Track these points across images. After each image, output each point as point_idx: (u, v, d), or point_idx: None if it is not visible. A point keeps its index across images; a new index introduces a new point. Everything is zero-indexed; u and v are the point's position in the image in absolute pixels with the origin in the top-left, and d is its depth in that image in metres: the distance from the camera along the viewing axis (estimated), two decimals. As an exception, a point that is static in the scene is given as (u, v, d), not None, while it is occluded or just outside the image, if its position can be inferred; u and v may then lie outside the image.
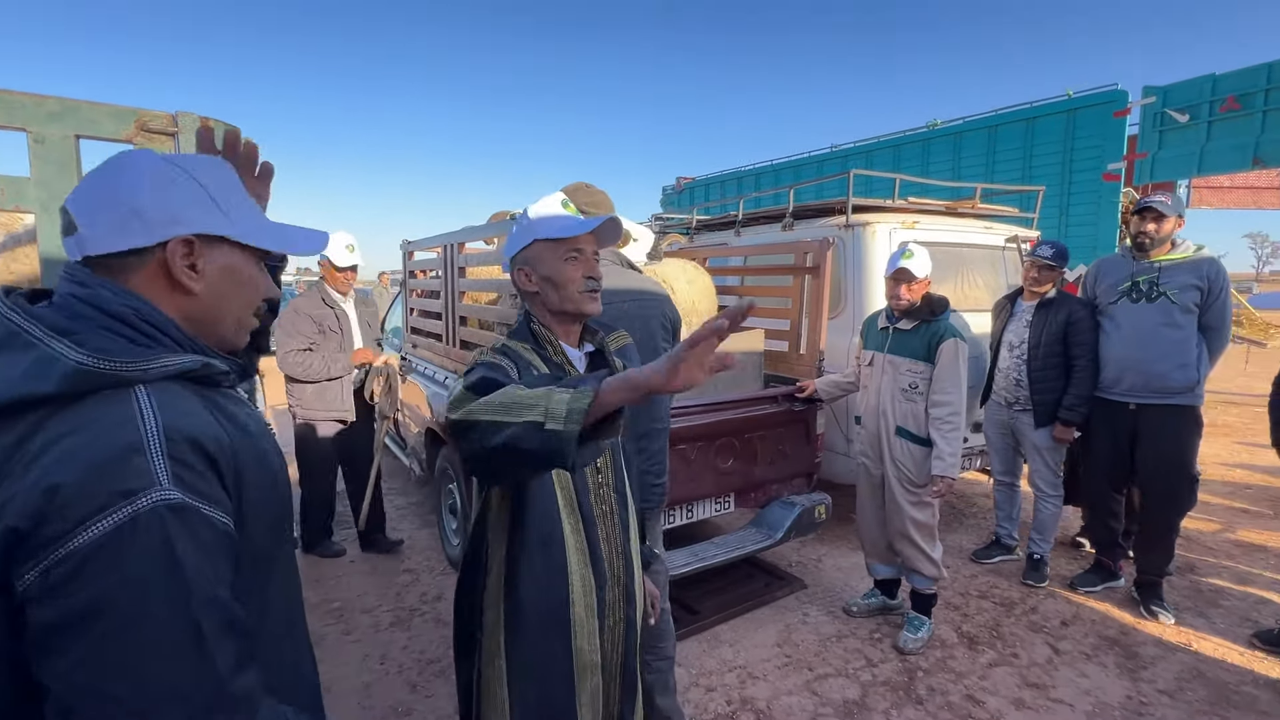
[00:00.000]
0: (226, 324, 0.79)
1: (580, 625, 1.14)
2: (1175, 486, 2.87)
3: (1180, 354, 2.78)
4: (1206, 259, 2.81)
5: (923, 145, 8.24)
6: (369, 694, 2.38)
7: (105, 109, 1.18)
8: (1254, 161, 5.98)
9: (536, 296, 1.21)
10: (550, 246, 1.18)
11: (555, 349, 1.21)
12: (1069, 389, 3.00)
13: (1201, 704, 2.32)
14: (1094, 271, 3.13)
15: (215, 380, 0.76)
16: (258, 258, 0.81)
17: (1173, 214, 2.82)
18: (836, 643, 2.72)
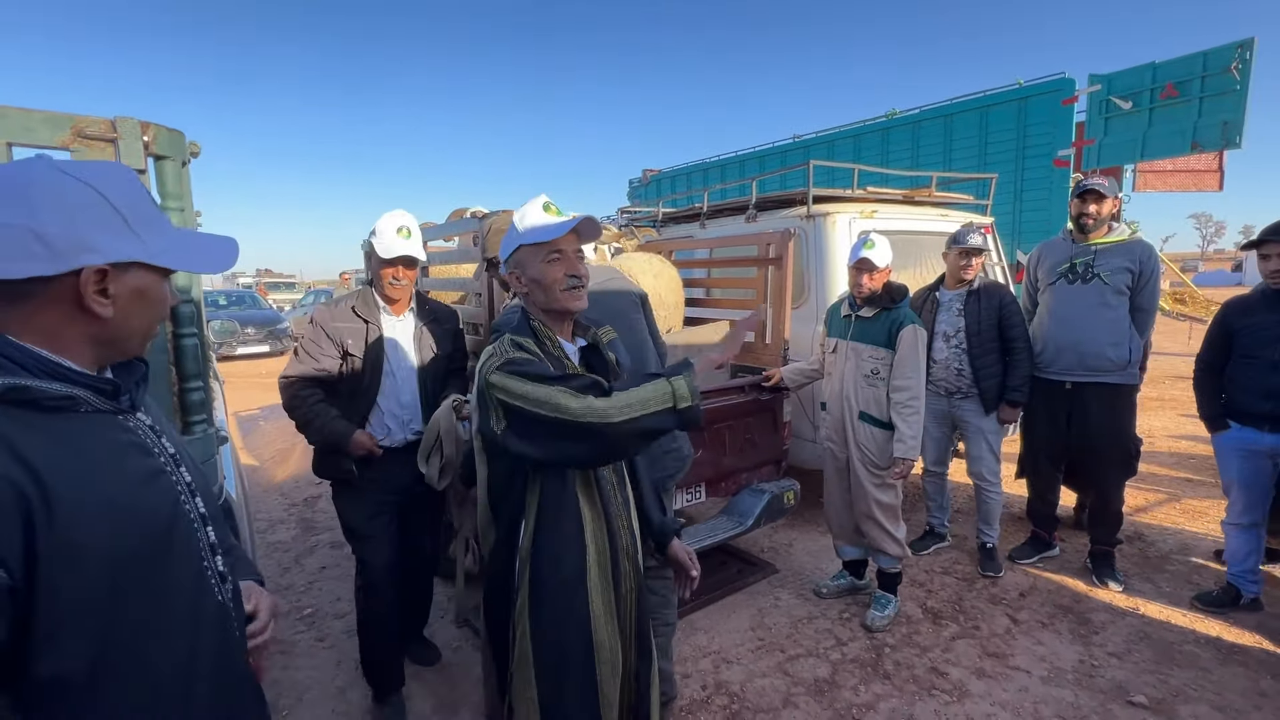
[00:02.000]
0: (134, 342, 0.79)
1: (596, 590, 1.26)
2: (1113, 460, 3.03)
3: (1113, 333, 2.91)
4: (1139, 242, 2.94)
5: (882, 134, 8.38)
6: (344, 698, 2.37)
7: (38, 115, 1.15)
8: (1192, 146, 6.25)
9: (528, 297, 1.33)
10: (533, 250, 1.28)
11: (554, 344, 1.31)
12: (1012, 371, 3.07)
13: (1148, 663, 2.45)
14: (1036, 255, 3.26)
15: (46, 405, 0.70)
16: (165, 273, 0.79)
17: (1111, 195, 2.95)
18: (807, 624, 2.80)
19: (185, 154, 1.34)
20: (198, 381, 1.39)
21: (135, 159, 1.21)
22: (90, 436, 0.73)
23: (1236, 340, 2.63)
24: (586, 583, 1.25)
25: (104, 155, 1.19)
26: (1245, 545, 2.72)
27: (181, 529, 0.80)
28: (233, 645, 0.87)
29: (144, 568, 0.74)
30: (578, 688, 1.24)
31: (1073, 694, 2.29)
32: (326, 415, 2.03)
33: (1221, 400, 2.73)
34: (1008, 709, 2.23)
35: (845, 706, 2.26)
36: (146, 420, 0.83)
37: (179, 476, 0.83)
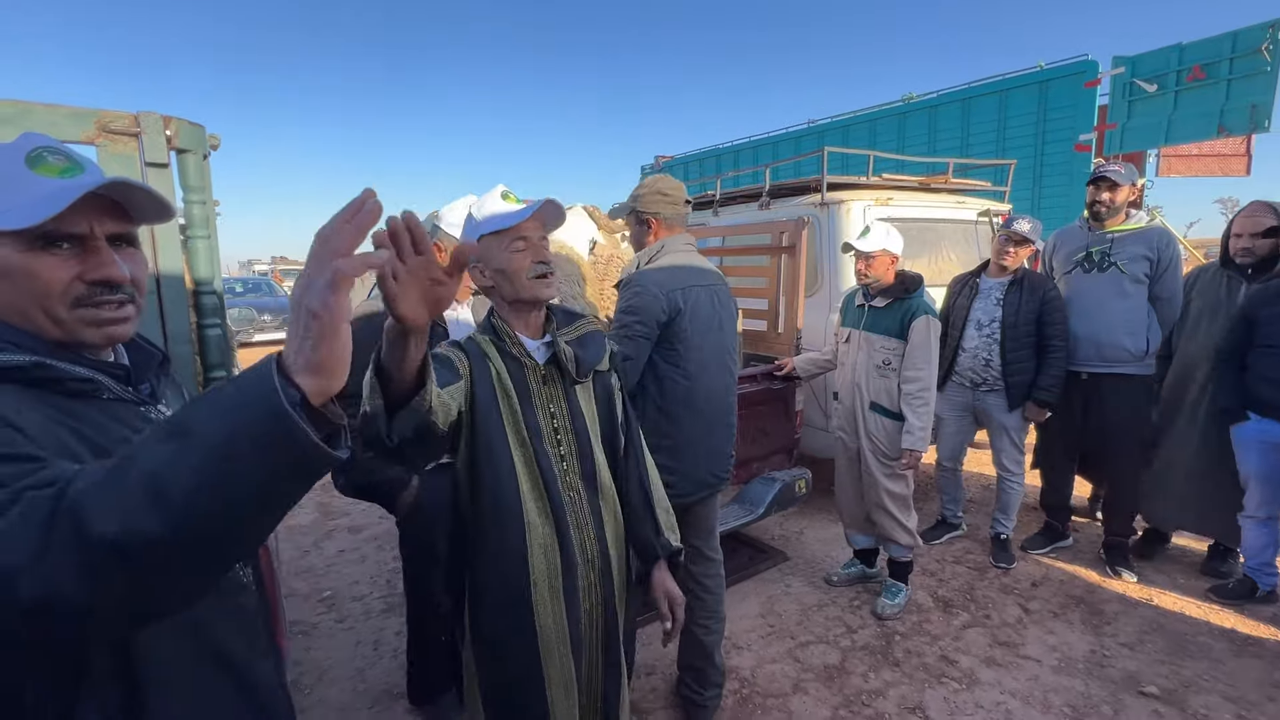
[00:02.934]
0: (36, 322, 0.71)
1: (544, 605, 1.18)
2: (1128, 452, 3.00)
3: (1129, 323, 2.86)
4: (1157, 229, 2.88)
5: (899, 120, 8.26)
6: (363, 678, 2.43)
7: (63, 110, 1.17)
8: (1219, 129, 6.09)
9: (493, 291, 1.25)
10: (495, 239, 1.21)
11: (512, 340, 1.24)
12: (1045, 369, 2.97)
13: (1160, 654, 2.45)
14: (1052, 243, 3.20)
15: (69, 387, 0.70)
16: (29, 240, 0.68)
17: (1126, 182, 2.88)
18: (818, 611, 2.82)
19: (206, 147, 1.36)
20: (222, 371, 1.42)
21: (159, 153, 1.23)
22: (111, 423, 0.74)
23: (1259, 329, 2.58)
24: (532, 599, 1.17)
25: (128, 150, 1.21)
26: (1262, 539, 2.69)
27: None
28: (255, 629, 0.88)
29: None
30: (524, 708, 1.19)
31: (1084, 683, 2.30)
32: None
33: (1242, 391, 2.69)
34: (1018, 697, 2.24)
35: (855, 693, 2.29)
36: (167, 412, 0.83)
37: None
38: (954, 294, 3.27)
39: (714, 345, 1.98)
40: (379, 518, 3.99)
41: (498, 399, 1.20)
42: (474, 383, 1.18)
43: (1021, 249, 3.01)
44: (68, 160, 0.73)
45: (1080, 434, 3.09)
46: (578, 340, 1.31)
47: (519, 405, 1.21)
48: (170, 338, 1.30)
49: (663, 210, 1.99)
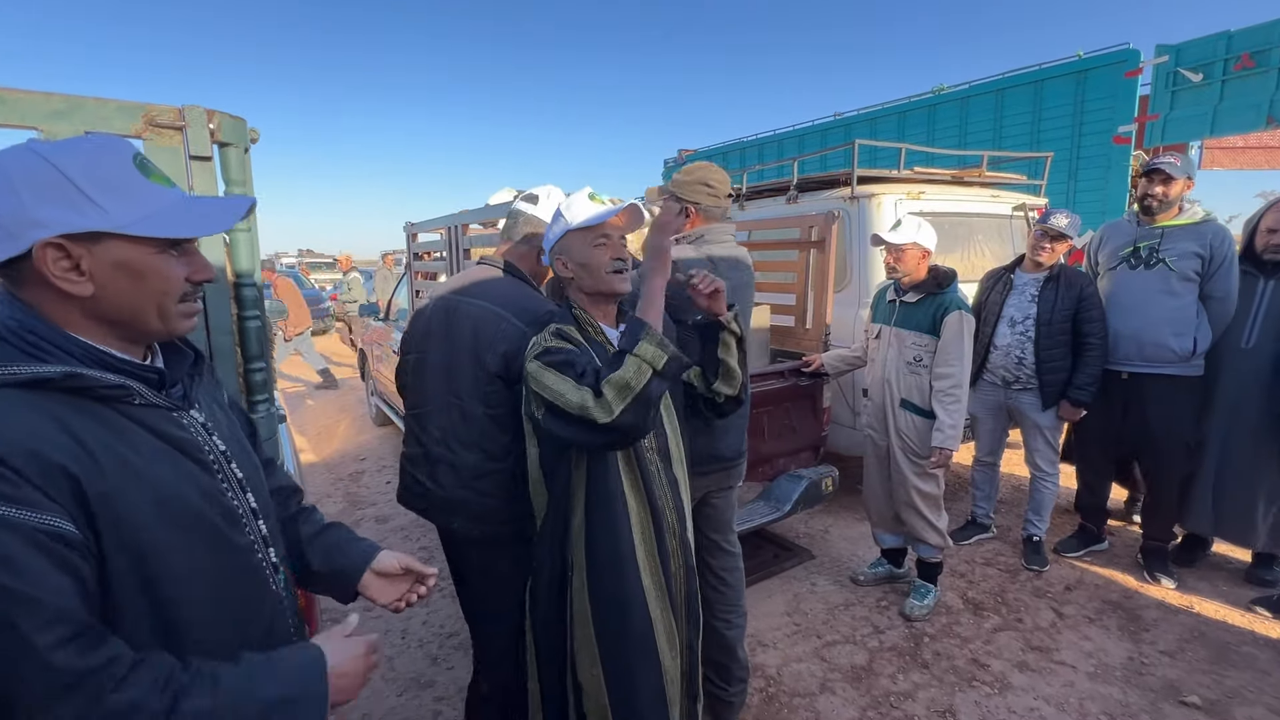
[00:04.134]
0: (144, 319, 0.76)
1: (645, 567, 1.31)
2: (1170, 456, 2.89)
3: (1176, 322, 2.74)
4: (1211, 225, 2.75)
5: (929, 111, 8.09)
6: (391, 667, 2.47)
7: (112, 105, 1.19)
8: (1268, 120, 5.85)
9: (573, 282, 1.37)
10: (580, 235, 1.33)
11: (595, 329, 1.36)
12: (1081, 368, 2.88)
13: (1202, 663, 2.38)
14: (1098, 237, 3.08)
15: (101, 394, 0.72)
16: (162, 244, 0.75)
17: (1181, 176, 2.74)
18: (844, 611, 2.79)
19: (247, 140, 1.38)
20: (260, 362, 1.44)
21: (202, 146, 1.25)
22: (142, 429, 0.75)
23: None
24: (636, 560, 1.30)
25: (173, 143, 1.23)
26: (1312, 546, 2.60)
27: (228, 525, 0.82)
28: (286, 635, 0.90)
29: (191, 558, 0.77)
30: (641, 660, 1.29)
31: (1121, 691, 2.24)
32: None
33: None
34: (1052, 704, 2.19)
35: (883, 694, 2.26)
36: (200, 418, 0.84)
37: (229, 473, 0.85)
38: (986, 290, 3.18)
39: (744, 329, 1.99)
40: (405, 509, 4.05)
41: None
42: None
43: (1058, 245, 2.92)
44: (158, 167, 0.79)
45: (1119, 436, 3.00)
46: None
47: None
48: (213, 330, 1.32)
49: (703, 201, 1.98)
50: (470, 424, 1.52)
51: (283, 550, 0.95)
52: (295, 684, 0.77)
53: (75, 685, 0.62)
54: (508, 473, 1.52)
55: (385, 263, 10.61)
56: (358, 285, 10.70)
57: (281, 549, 0.94)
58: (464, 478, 1.53)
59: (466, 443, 1.53)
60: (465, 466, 1.53)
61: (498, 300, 1.54)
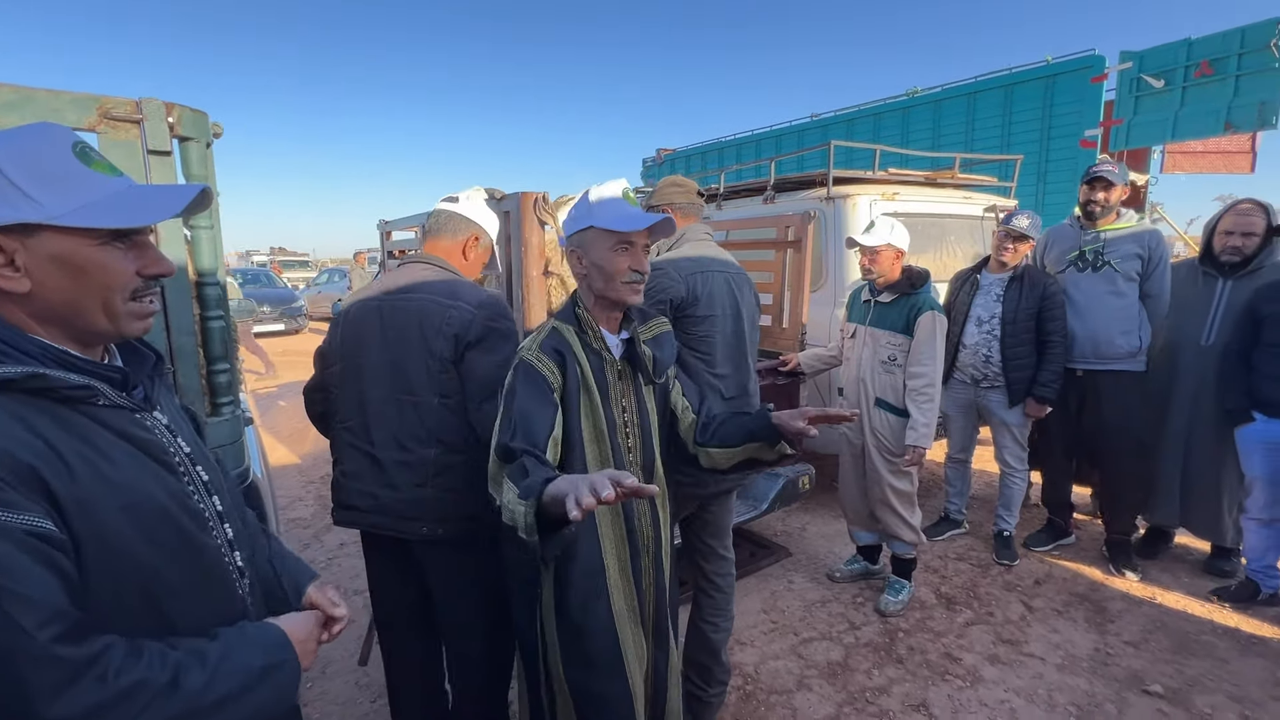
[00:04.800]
0: (89, 317, 0.72)
1: (616, 588, 1.27)
2: (1124, 449, 3.01)
3: (1123, 321, 2.90)
4: (1148, 230, 2.93)
5: (903, 114, 8.21)
6: (364, 673, 2.42)
7: (66, 97, 1.14)
8: (1225, 126, 6.05)
9: (584, 279, 1.29)
10: (603, 235, 1.24)
11: (595, 334, 1.29)
12: (1044, 366, 2.97)
13: (1165, 653, 2.45)
14: (1043, 242, 3.20)
15: (64, 395, 0.70)
16: (104, 236, 0.71)
17: (1120, 182, 2.91)
18: (821, 608, 2.81)
19: (209, 135, 1.33)
20: (225, 364, 1.40)
21: (161, 140, 1.21)
22: (107, 431, 0.73)
23: (1265, 328, 2.56)
24: (606, 579, 1.26)
25: (129, 136, 1.19)
26: (1265, 541, 2.68)
27: (196, 529, 0.81)
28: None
29: (157, 566, 0.75)
30: (609, 678, 1.27)
31: (1088, 682, 2.30)
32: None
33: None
34: (1021, 695, 2.23)
35: (858, 689, 2.28)
36: (163, 419, 0.82)
37: (194, 475, 0.83)
38: (955, 290, 3.26)
39: (733, 331, 1.97)
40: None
41: (580, 397, 1.25)
42: (565, 391, 1.23)
43: (1021, 245, 3.02)
44: (102, 155, 0.76)
45: (1077, 431, 3.09)
46: (654, 340, 1.36)
47: (599, 400, 1.27)
48: (173, 330, 1.28)
49: (677, 199, 2.01)
50: (425, 418, 1.49)
51: (248, 554, 0.92)
52: (272, 654, 0.81)
53: (82, 671, 0.64)
54: (470, 465, 1.49)
55: (358, 261, 10.45)
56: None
57: (247, 553, 0.92)
58: (424, 475, 1.49)
59: (423, 438, 1.49)
60: (424, 463, 1.49)
61: (438, 291, 1.53)
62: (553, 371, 1.22)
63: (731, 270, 2.02)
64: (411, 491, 1.50)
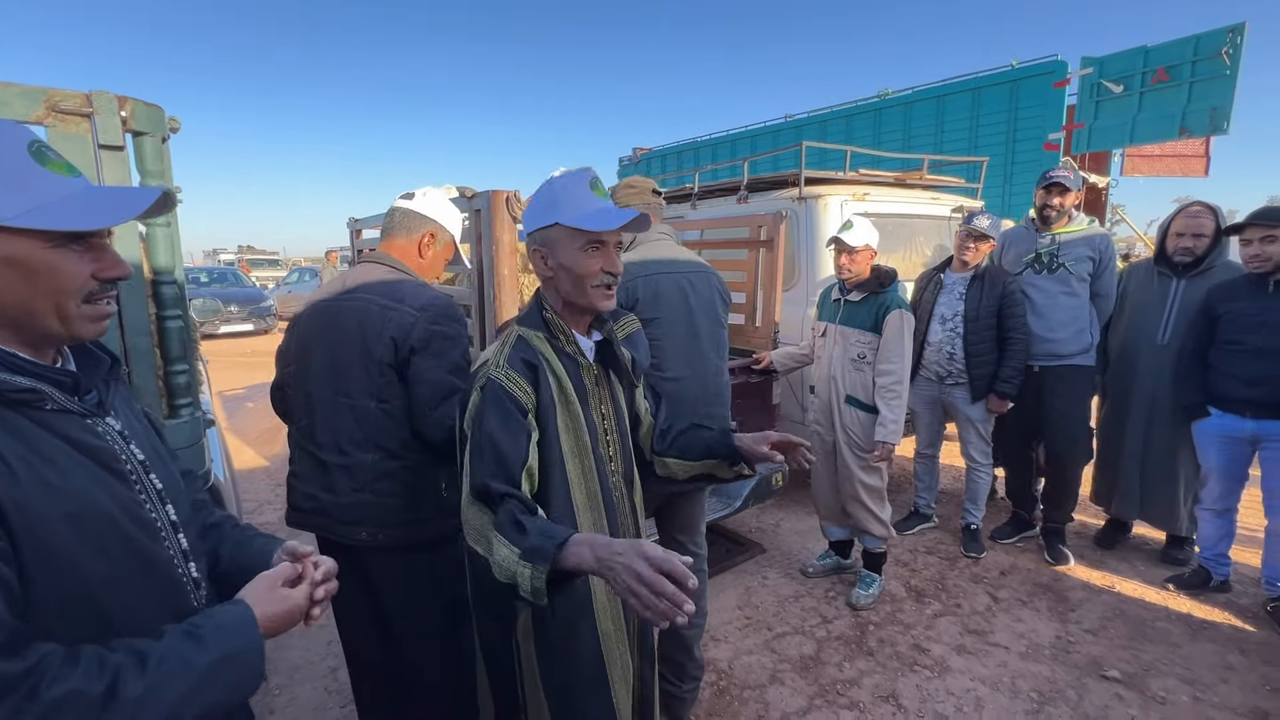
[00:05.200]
0: (41, 320, 0.71)
1: (604, 610, 1.18)
2: (1074, 441, 3.12)
3: (1078, 320, 3.03)
4: (1098, 233, 3.06)
5: (874, 115, 8.34)
6: (335, 678, 2.38)
7: (14, 89, 1.10)
8: (1180, 131, 6.27)
9: (550, 281, 1.16)
10: (572, 234, 1.10)
11: (568, 339, 1.17)
12: (1004, 362, 3.05)
13: (1122, 639, 2.53)
14: (1001, 244, 3.30)
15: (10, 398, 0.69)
16: (57, 238, 0.70)
17: (1075, 188, 3.03)
18: (794, 602, 2.85)
19: (165, 129, 1.30)
20: (183, 364, 1.36)
21: (113, 134, 1.17)
22: (54, 436, 0.71)
23: (1219, 326, 2.66)
24: (593, 602, 1.17)
25: (80, 130, 1.15)
26: (1218, 530, 2.79)
27: (147, 539, 0.79)
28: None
29: (105, 573, 0.73)
30: (593, 700, 1.19)
31: (1050, 669, 2.36)
32: None
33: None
34: (987, 684, 2.29)
35: (830, 682, 2.32)
36: (116, 425, 0.80)
37: (147, 484, 0.81)
38: (920, 289, 3.34)
39: (686, 334, 1.97)
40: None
41: (556, 411, 1.13)
42: (539, 409, 1.12)
43: (981, 244, 3.10)
44: (60, 155, 0.74)
45: (1034, 425, 3.19)
46: (628, 340, 1.26)
47: (579, 409, 1.16)
48: (128, 330, 1.24)
49: (632, 201, 2.02)
50: (364, 422, 1.46)
51: (205, 566, 0.90)
52: (230, 641, 0.76)
53: (15, 685, 0.61)
54: (410, 470, 1.47)
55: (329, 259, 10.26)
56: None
57: (204, 565, 0.90)
58: (362, 480, 1.46)
59: (361, 443, 1.46)
60: (362, 468, 1.46)
61: (380, 292, 1.49)
62: (525, 391, 1.09)
63: (685, 270, 2.02)
64: (350, 496, 1.47)
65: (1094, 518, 3.53)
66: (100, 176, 1.18)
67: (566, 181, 1.12)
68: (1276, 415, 2.43)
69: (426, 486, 1.49)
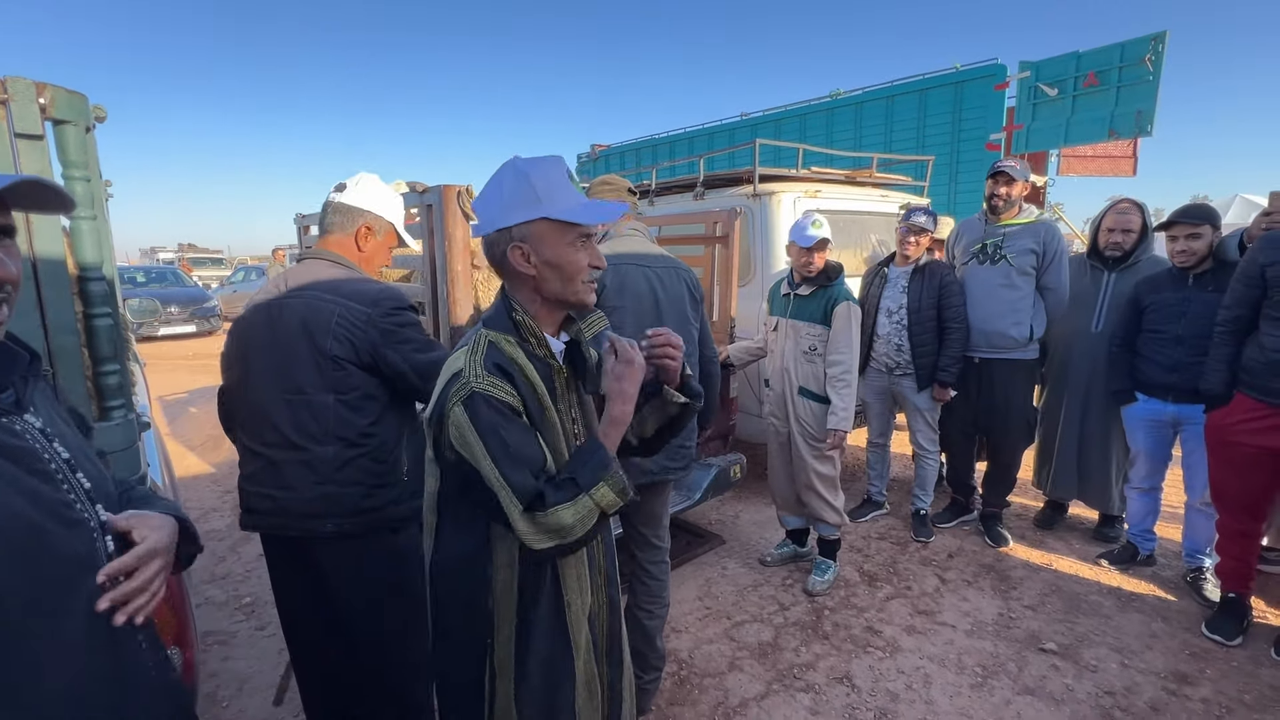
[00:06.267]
0: None
1: (577, 625, 1.13)
2: (1013, 431, 3.26)
3: (1015, 313, 3.10)
4: (1043, 224, 3.14)
5: (827, 115, 8.53)
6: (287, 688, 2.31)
7: (-87, 72, 1.03)
8: (1110, 133, 6.63)
9: (530, 280, 1.07)
10: (561, 228, 1.03)
11: (539, 341, 1.10)
12: (943, 351, 3.18)
13: (1058, 613, 2.67)
14: (954, 234, 3.43)
15: None
16: None
17: (1021, 178, 3.12)
18: (753, 591, 2.91)
19: (89, 118, 1.24)
20: (114, 365, 1.30)
21: (31, 123, 1.11)
22: None
23: (1145, 316, 2.83)
24: (567, 619, 1.11)
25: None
26: (1145, 508, 2.98)
27: (74, 540, 0.75)
28: (139, 659, 0.82)
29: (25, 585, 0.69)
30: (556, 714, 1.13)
31: (993, 645, 2.48)
32: None
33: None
34: (935, 661, 2.39)
35: (787, 667, 2.37)
36: (36, 422, 0.76)
37: (74, 483, 0.78)
38: (867, 284, 3.45)
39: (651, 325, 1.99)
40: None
41: (540, 415, 1.08)
42: (527, 413, 1.05)
43: (921, 239, 3.22)
44: None
45: (975, 415, 3.32)
46: (595, 340, 1.18)
47: (555, 415, 1.10)
48: (51, 329, 1.18)
49: (607, 197, 2.03)
50: (321, 416, 1.45)
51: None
52: None
53: None
54: (370, 456, 1.48)
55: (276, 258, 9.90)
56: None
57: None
58: (324, 473, 1.45)
59: (319, 436, 1.45)
60: (323, 461, 1.45)
61: (325, 289, 1.49)
62: (511, 394, 1.03)
63: (655, 265, 2.04)
64: (312, 490, 1.45)
65: (1034, 500, 3.72)
66: (17, 166, 1.11)
67: (545, 172, 1.04)
68: (1194, 400, 2.60)
69: (388, 470, 1.50)
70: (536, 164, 1.05)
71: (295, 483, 1.45)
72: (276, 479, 1.47)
